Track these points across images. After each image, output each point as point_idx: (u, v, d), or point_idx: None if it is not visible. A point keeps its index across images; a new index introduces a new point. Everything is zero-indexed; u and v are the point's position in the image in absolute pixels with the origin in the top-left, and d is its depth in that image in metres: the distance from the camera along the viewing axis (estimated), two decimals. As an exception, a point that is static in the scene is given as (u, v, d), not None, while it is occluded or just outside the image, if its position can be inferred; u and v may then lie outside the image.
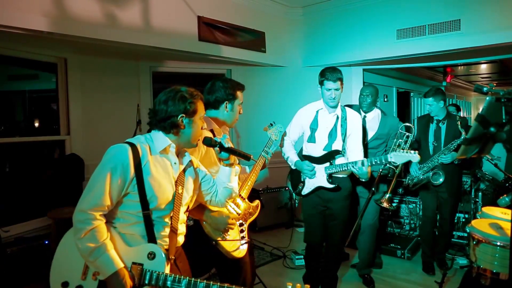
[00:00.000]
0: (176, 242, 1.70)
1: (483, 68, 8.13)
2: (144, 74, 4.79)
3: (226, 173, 1.90)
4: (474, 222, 2.48)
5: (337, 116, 2.85)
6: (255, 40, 4.95)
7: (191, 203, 1.84)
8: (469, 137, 1.56)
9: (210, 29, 4.41)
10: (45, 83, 4.55)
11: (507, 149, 3.95)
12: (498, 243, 2.21)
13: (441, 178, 3.44)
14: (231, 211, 2.24)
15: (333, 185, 2.79)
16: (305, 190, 2.90)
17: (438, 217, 3.83)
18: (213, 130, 2.22)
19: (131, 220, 1.60)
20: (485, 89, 1.45)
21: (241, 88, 2.36)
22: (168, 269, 1.60)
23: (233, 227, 2.12)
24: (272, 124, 2.67)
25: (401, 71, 6.47)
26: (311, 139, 2.90)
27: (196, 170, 1.84)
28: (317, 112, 2.90)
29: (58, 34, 3.24)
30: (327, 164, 2.80)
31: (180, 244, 1.77)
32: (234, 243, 2.17)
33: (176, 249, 1.71)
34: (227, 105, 2.28)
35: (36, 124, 4.56)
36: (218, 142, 1.80)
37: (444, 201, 3.64)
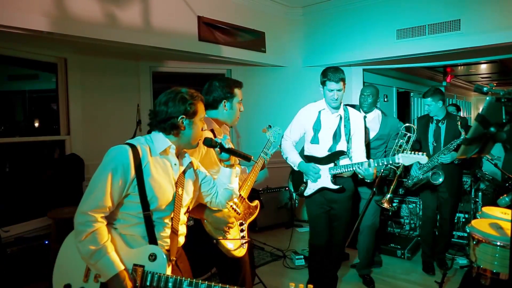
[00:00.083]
0: (177, 243, 1.70)
1: (483, 68, 8.13)
2: (144, 74, 4.79)
3: (227, 174, 1.90)
4: (474, 222, 2.47)
5: (340, 116, 2.81)
6: (255, 40, 4.95)
7: (191, 204, 1.84)
8: (469, 137, 1.56)
9: (210, 29, 4.41)
10: (45, 83, 4.55)
11: (505, 149, 3.94)
12: (498, 243, 2.21)
13: (441, 178, 3.43)
14: (232, 211, 2.25)
15: (338, 186, 2.75)
16: (308, 191, 2.84)
17: (438, 217, 3.83)
18: (214, 130, 2.22)
19: (132, 221, 1.60)
20: (485, 89, 1.45)
21: (239, 86, 2.32)
22: (170, 270, 1.60)
23: (233, 226, 2.14)
24: (271, 126, 2.69)
25: (401, 71, 6.47)
26: (315, 140, 2.83)
27: (196, 172, 1.84)
28: (320, 113, 2.84)
29: (58, 34, 3.25)
30: (331, 165, 2.75)
31: (181, 245, 1.77)
32: (235, 242, 2.18)
33: (177, 250, 1.71)
34: (226, 104, 2.26)
35: (36, 124, 4.56)
36: (219, 143, 1.79)
37: (444, 201, 3.64)
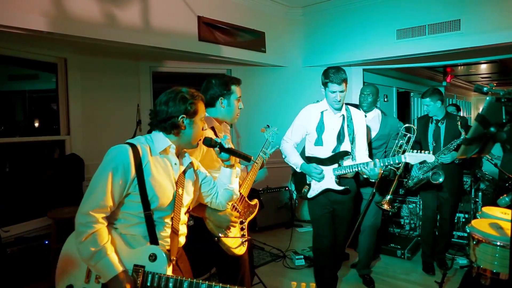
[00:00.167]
0: (178, 243, 1.70)
1: (483, 68, 8.13)
2: (144, 74, 4.79)
3: (227, 175, 1.89)
4: (474, 222, 2.47)
5: (343, 116, 2.76)
6: (255, 40, 4.95)
7: (192, 205, 1.84)
8: (469, 137, 1.56)
9: (210, 29, 4.41)
10: (45, 83, 4.55)
11: (504, 149, 3.94)
12: (498, 243, 2.21)
13: (441, 178, 3.43)
14: (232, 209, 2.25)
15: (343, 187, 2.68)
16: (312, 193, 2.77)
17: (438, 217, 3.83)
18: (214, 128, 2.22)
19: (133, 221, 1.60)
20: (485, 89, 1.45)
21: (236, 82, 2.29)
22: (170, 270, 1.59)
23: (235, 225, 2.15)
24: (269, 126, 2.70)
25: (401, 71, 6.47)
26: (319, 142, 2.75)
27: (197, 172, 1.84)
28: (322, 114, 2.77)
29: (58, 34, 3.24)
30: (335, 166, 2.69)
31: (182, 245, 1.77)
32: (236, 240, 2.20)
33: (178, 250, 1.71)
34: (222, 101, 2.24)
35: (36, 124, 4.56)
36: (218, 143, 1.78)
37: (445, 201, 3.64)
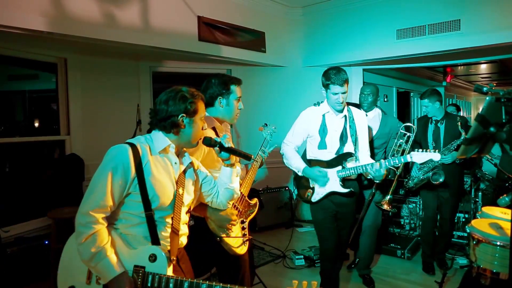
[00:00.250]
0: (178, 243, 1.69)
1: (483, 68, 8.13)
2: (144, 74, 4.79)
3: (227, 174, 1.89)
4: (474, 222, 2.47)
5: (346, 117, 2.70)
6: (255, 40, 4.95)
7: (193, 204, 1.84)
8: (469, 137, 1.56)
9: (210, 29, 4.41)
10: (45, 83, 4.55)
11: (503, 150, 3.94)
12: (498, 243, 2.21)
13: (441, 178, 3.43)
14: (233, 209, 2.26)
15: (348, 190, 2.63)
16: (316, 197, 2.70)
17: (438, 217, 3.83)
18: (215, 128, 2.22)
19: (134, 221, 1.60)
20: (485, 89, 1.45)
21: (236, 82, 2.28)
22: (171, 271, 1.58)
23: (236, 224, 2.16)
24: (266, 125, 2.69)
25: (401, 71, 6.47)
26: (322, 146, 2.69)
27: (197, 172, 1.84)
28: (324, 116, 2.71)
29: (58, 34, 3.25)
30: (339, 168, 2.63)
31: (183, 245, 1.76)
32: (237, 240, 2.20)
33: (179, 250, 1.71)
34: (221, 101, 2.23)
35: (36, 124, 4.56)
36: (218, 142, 1.77)
37: (445, 201, 3.64)
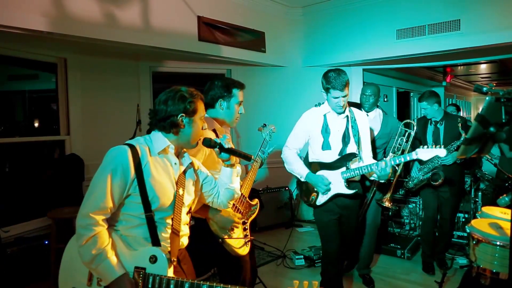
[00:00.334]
0: (179, 244, 1.68)
1: (483, 68, 8.14)
2: (144, 74, 4.79)
3: (228, 174, 1.88)
4: (474, 222, 2.47)
5: (347, 118, 2.66)
6: (255, 40, 4.95)
7: (193, 205, 1.83)
8: (469, 137, 1.56)
9: (210, 29, 4.41)
10: (45, 83, 4.55)
11: (501, 151, 3.94)
12: (498, 243, 2.21)
13: (441, 179, 3.43)
14: (234, 209, 2.26)
15: (353, 191, 2.57)
16: (321, 200, 2.63)
17: (438, 217, 3.82)
18: (216, 130, 2.21)
19: (134, 223, 1.59)
20: (485, 89, 1.45)
21: (238, 86, 2.27)
22: (171, 272, 1.58)
23: (238, 226, 2.15)
24: (265, 125, 2.69)
25: (401, 71, 6.47)
26: (327, 147, 2.63)
27: (197, 172, 1.83)
28: (325, 116, 2.66)
29: (58, 34, 3.25)
30: (343, 169, 2.58)
31: (184, 246, 1.76)
32: (239, 241, 2.20)
33: (180, 251, 1.70)
34: (222, 103, 2.23)
35: (36, 124, 4.56)
36: (218, 143, 1.77)
37: (445, 201, 3.63)
